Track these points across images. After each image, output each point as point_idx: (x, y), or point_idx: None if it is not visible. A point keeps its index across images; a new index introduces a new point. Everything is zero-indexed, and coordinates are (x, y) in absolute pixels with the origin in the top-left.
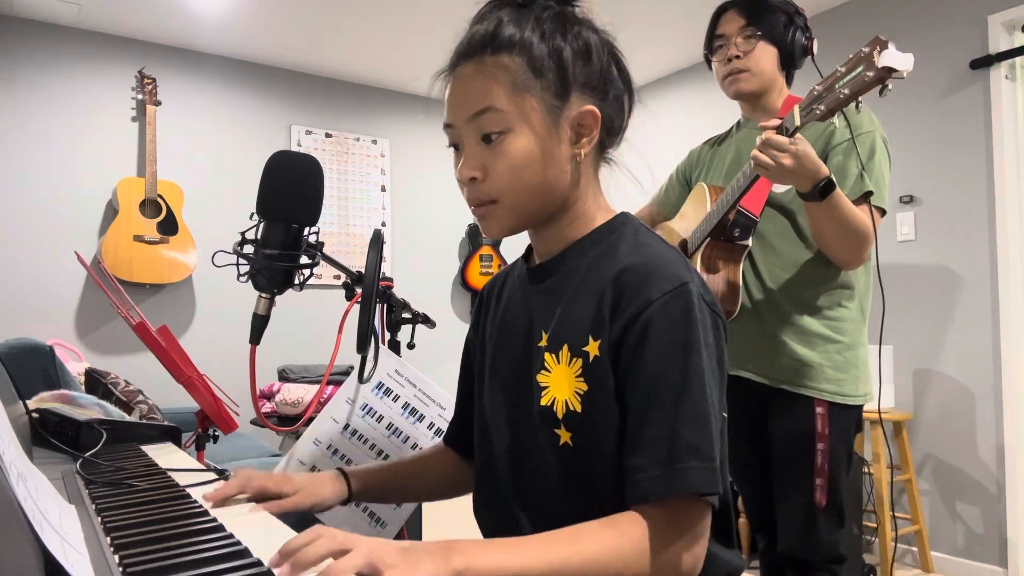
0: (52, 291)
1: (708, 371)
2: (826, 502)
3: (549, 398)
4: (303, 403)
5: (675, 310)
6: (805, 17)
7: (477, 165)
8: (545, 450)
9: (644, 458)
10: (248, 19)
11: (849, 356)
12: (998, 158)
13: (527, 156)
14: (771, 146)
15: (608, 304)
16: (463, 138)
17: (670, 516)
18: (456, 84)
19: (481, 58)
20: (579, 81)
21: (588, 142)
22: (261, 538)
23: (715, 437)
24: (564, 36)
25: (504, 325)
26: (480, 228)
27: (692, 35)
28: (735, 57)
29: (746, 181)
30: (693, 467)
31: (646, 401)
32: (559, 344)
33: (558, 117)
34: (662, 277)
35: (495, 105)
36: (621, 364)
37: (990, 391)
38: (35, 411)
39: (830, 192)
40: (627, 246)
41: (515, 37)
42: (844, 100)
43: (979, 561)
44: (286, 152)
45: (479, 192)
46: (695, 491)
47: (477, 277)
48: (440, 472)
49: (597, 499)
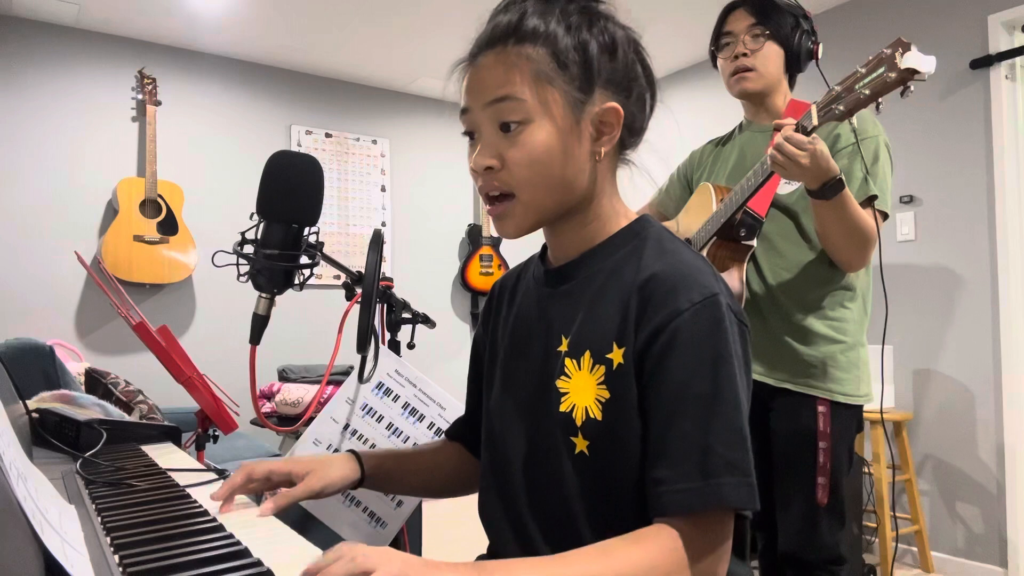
0: (52, 291)
1: (740, 382)
2: (827, 501)
3: (568, 404)
4: (303, 403)
5: (704, 321)
6: (812, 21)
7: (494, 153)
8: (560, 457)
9: (671, 470)
10: (248, 19)
11: (851, 356)
12: (998, 158)
13: (547, 149)
14: (791, 143)
15: (634, 312)
16: (480, 125)
17: (700, 529)
18: (476, 72)
19: (504, 47)
20: (603, 77)
21: (609, 140)
22: (261, 538)
23: (750, 451)
24: (590, 30)
25: (519, 327)
26: (496, 230)
27: (702, 31)
28: (742, 55)
29: (758, 180)
30: (729, 482)
31: (672, 412)
32: (581, 350)
33: (580, 112)
34: (691, 287)
35: (516, 94)
36: (645, 374)
37: (990, 391)
38: (35, 411)
39: (839, 191)
40: (652, 252)
41: (540, 28)
42: (865, 100)
43: (979, 561)
44: (286, 152)
45: (496, 182)
46: (733, 506)
47: (477, 277)
48: (446, 466)
49: (609, 509)
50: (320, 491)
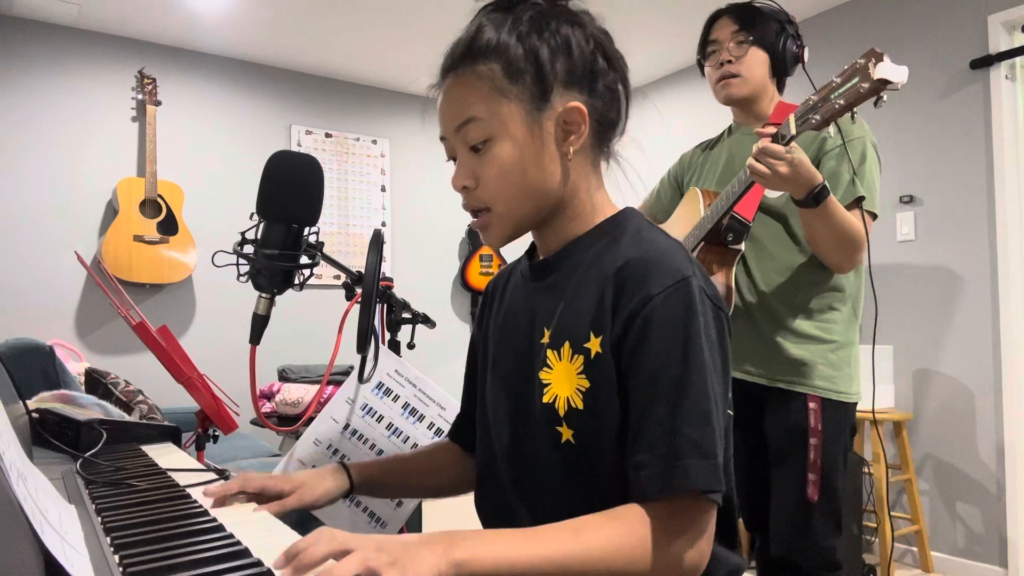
0: (52, 291)
1: (710, 366)
2: (818, 498)
3: (551, 395)
4: (303, 403)
5: (676, 304)
6: (796, 25)
7: (468, 174)
8: (546, 448)
9: (646, 455)
10: (248, 19)
11: (841, 355)
12: (998, 158)
13: (513, 161)
14: (768, 154)
15: (609, 299)
16: (455, 149)
17: (671, 512)
18: (443, 97)
19: (461, 69)
20: (560, 78)
21: (577, 139)
22: (261, 538)
23: (718, 434)
24: (540, 34)
25: (506, 322)
26: (482, 239)
27: (692, 35)
28: (727, 62)
29: (741, 187)
30: (693, 464)
31: (647, 397)
32: (561, 341)
33: (540, 117)
34: (663, 271)
35: (476, 115)
36: (623, 360)
37: (990, 391)
38: (35, 411)
39: (824, 198)
40: (629, 240)
41: (492, 42)
42: (839, 111)
43: (979, 561)
44: (286, 152)
45: (473, 200)
46: (696, 488)
47: (477, 277)
48: (442, 467)
49: (598, 496)
50: (311, 504)
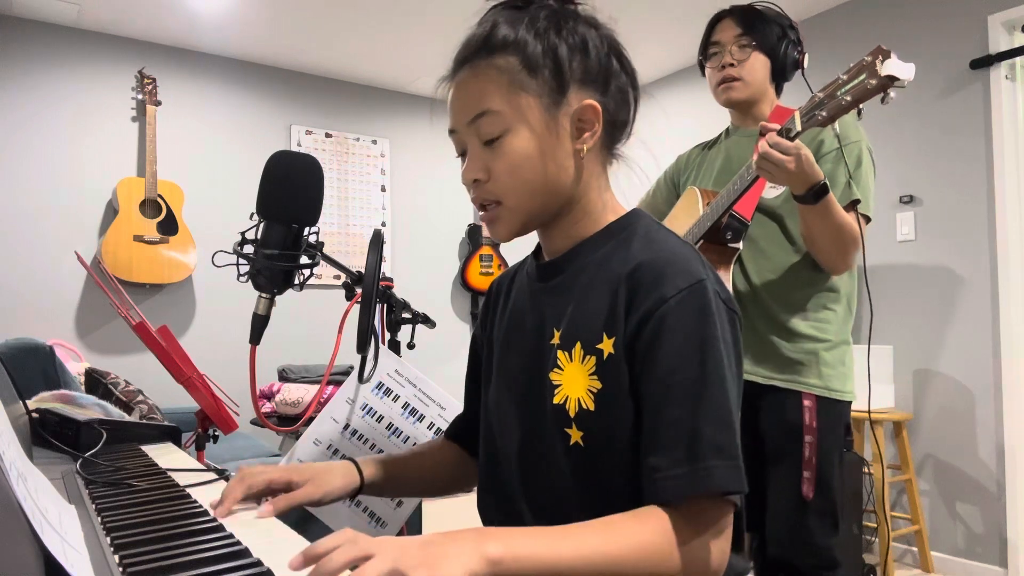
0: (52, 291)
1: (727, 368)
2: (814, 495)
3: (562, 396)
4: (303, 403)
5: (691, 307)
6: (798, 31)
7: (480, 167)
8: (555, 450)
9: (664, 457)
10: (248, 19)
11: (836, 353)
12: (998, 158)
13: (526, 154)
14: (778, 149)
15: (623, 301)
16: (466, 142)
17: (694, 514)
18: (455, 90)
19: (476, 62)
20: (577, 76)
21: (591, 136)
22: (261, 538)
23: (737, 435)
24: (559, 33)
25: (512, 323)
26: (489, 233)
27: (693, 36)
28: (729, 65)
29: (743, 185)
30: (717, 466)
31: (663, 399)
32: (572, 342)
33: (556, 113)
34: (677, 274)
35: (492, 107)
36: (636, 362)
37: (990, 391)
38: (35, 411)
39: (824, 196)
40: (640, 242)
41: (509, 37)
42: (846, 107)
43: (979, 561)
44: (286, 152)
45: (484, 193)
46: (720, 490)
47: (477, 277)
48: (445, 466)
49: (606, 499)
50: (320, 499)
